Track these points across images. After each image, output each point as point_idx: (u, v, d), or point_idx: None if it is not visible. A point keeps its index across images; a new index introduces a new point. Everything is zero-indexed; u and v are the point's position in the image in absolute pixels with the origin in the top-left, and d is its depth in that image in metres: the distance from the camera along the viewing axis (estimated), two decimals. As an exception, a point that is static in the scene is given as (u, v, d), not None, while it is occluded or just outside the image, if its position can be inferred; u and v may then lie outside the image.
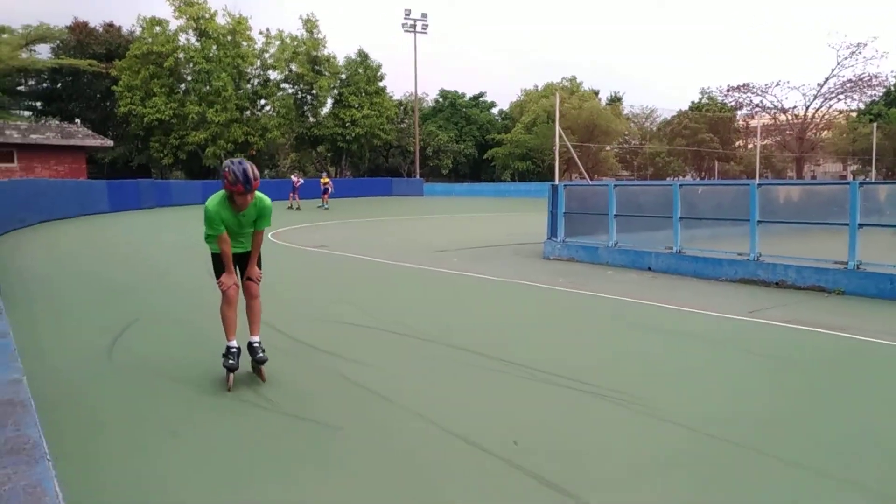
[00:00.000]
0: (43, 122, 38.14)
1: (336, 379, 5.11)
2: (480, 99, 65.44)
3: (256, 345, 5.00)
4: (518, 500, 3.23)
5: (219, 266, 4.99)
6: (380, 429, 4.13)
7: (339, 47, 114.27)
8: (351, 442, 3.92)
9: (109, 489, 3.35)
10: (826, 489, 3.33)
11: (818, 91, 59.72)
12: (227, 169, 4.58)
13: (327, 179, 32.57)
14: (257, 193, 4.80)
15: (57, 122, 38.76)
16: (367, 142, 52.62)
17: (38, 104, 47.47)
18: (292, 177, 34.26)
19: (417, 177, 54.09)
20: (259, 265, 5.22)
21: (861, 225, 8.82)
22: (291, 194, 31.39)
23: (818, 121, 61.81)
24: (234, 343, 4.95)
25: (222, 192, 4.74)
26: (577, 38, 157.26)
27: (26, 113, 46.31)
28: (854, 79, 58.39)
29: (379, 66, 53.16)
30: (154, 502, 3.23)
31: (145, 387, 4.98)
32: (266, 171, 55.17)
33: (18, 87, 45.68)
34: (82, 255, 14.05)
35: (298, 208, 30.21)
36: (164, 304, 8.43)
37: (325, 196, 31.44)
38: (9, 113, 42.01)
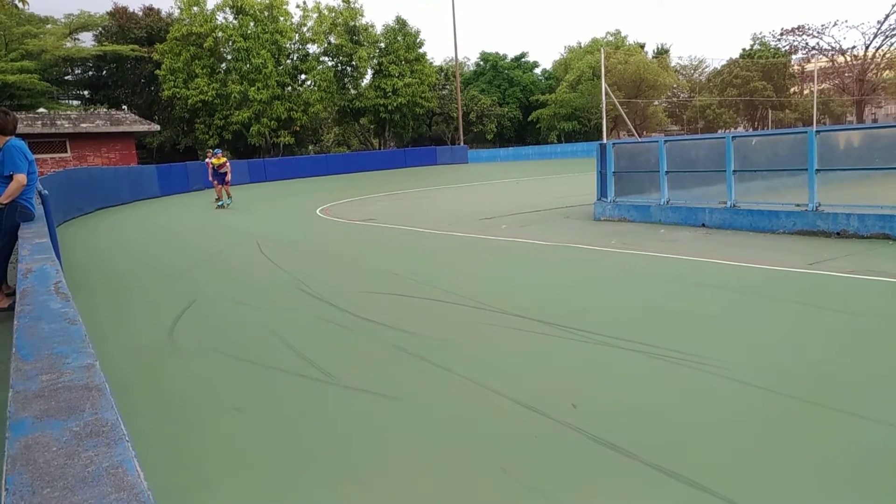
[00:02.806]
0: (92, 110, 39.18)
1: (392, 350, 5.17)
2: (523, 59, 64.14)
3: None
4: (579, 462, 3.23)
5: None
6: (438, 398, 4.17)
7: (377, 16, 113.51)
8: (411, 412, 3.98)
9: (175, 466, 3.49)
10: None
11: (878, 29, 56.46)
12: None
13: (223, 159, 20.95)
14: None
15: (105, 109, 39.77)
16: (410, 110, 52.38)
17: (86, 93, 48.64)
18: (208, 158, 22.31)
19: (461, 144, 53.68)
20: None
21: (928, 167, 8.41)
22: (215, 182, 21.61)
23: (879, 60, 58.54)
24: None
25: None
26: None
27: (75, 102, 47.59)
28: (918, 13, 54.95)
29: (418, 33, 52.59)
30: (219, 478, 3.35)
31: (207, 366, 5.14)
32: (311, 147, 55.66)
33: (66, 77, 46.87)
34: (138, 241, 14.52)
35: (219, 199, 21.34)
36: (218, 285, 8.66)
37: (225, 187, 20.95)
38: (59, 103, 43.27)
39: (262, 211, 19.88)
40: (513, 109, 60.70)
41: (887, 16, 56.56)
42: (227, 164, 21.10)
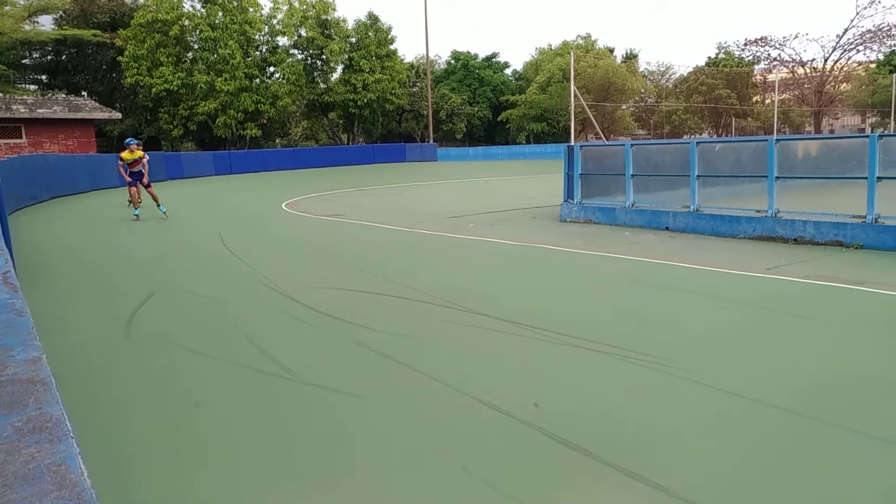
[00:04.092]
0: (49, 95, 37.95)
1: (355, 347, 5.12)
2: (494, 59, 64.41)
3: None
4: (540, 461, 3.24)
5: None
6: (401, 396, 4.14)
7: (349, 11, 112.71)
8: (372, 410, 3.95)
9: (133, 463, 3.40)
10: (868, 449, 3.30)
11: (837, 42, 58.31)
12: None
13: (139, 153, 15.32)
14: None
15: (63, 95, 38.59)
16: (380, 107, 52.15)
17: (44, 77, 47.13)
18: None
19: (431, 141, 53.63)
20: None
21: (880, 178, 8.70)
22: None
23: (837, 73, 60.41)
24: None
25: None
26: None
27: (32, 87, 46.08)
28: (874, 29, 56.96)
29: (389, 29, 52.46)
30: (178, 473, 3.28)
31: (165, 360, 5.03)
32: (278, 140, 55.00)
33: (23, 61, 45.33)
34: (93, 231, 14.15)
35: (134, 205, 15.53)
36: (178, 278, 8.49)
37: (149, 189, 15.42)
38: (15, 87, 41.86)
39: (225, 204, 19.56)
40: (483, 109, 60.90)
41: (846, 30, 58.40)
42: (145, 159, 15.28)
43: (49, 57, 46.43)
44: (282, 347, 5.12)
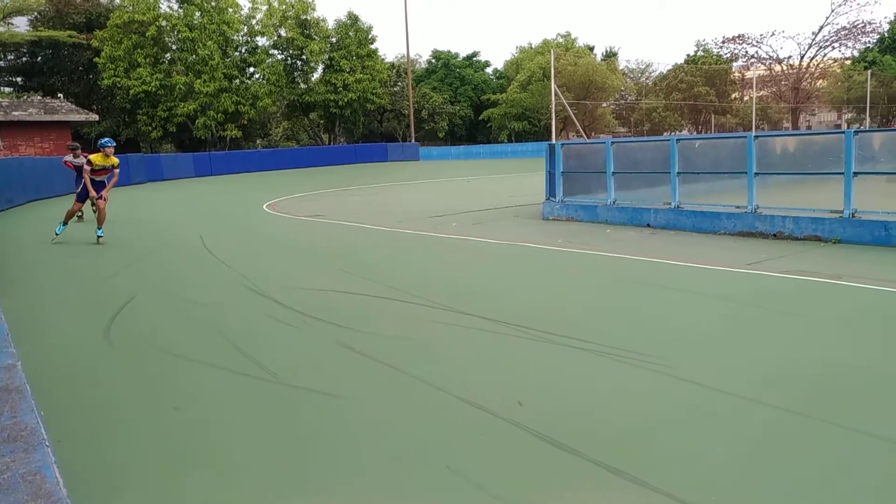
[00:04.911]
0: (25, 97, 37.24)
1: (338, 349, 5.10)
2: (475, 58, 64.44)
3: None
4: (524, 459, 3.24)
5: None
6: (384, 396, 4.13)
7: (329, 10, 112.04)
8: (356, 411, 3.93)
9: (115, 468, 3.35)
10: (857, 444, 3.34)
11: (813, 40, 59.00)
12: None
13: (114, 159, 11.87)
14: None
15: (39, 97, 37.90)
16: (361, 106, 51.97)
17: (19, 79, 46.27)
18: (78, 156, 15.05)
19: (413, 141, 53.56)
20: None
21: (856, 173, 8.82)
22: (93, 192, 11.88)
23: (813, 70, 61.19)
24: None
25: None
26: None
27: (7, 89, 45.25)
28: (848, 26, 57.71)
29: (370, 29, 52.32)
30: (160, 479, 3.24)
31: (145, 364, 4.97)
32: (259, 141, 54.61)
33: (-3, 63, 44.66)
34: (73, 235, 13.94)
35: (80, 216, 14.09)
36: (159, 282, 8.40)
37: (99, 202, 11.86)
38: (-12, 90, 41.13)
39: (206, 206, 19.38)
40: (464, 108, 60.92)
41: (821, 27, 59.33)
42: (117, 169, 12.15)
43: (24, 59, 45.62)
44: (264, 349, 5.08)
